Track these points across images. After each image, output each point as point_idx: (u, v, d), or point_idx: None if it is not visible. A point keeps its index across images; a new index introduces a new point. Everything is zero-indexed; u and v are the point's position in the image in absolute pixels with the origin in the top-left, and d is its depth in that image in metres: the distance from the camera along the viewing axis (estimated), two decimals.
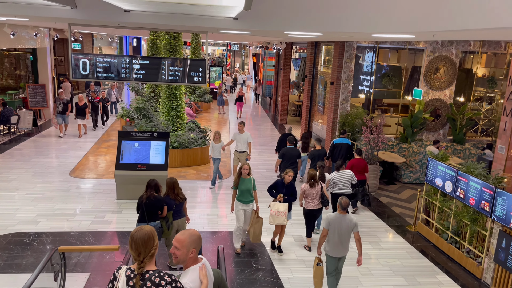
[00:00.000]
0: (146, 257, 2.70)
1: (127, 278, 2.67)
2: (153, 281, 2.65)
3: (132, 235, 2.74)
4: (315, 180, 7.49)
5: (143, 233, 2.73)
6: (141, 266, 2.67)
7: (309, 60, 15.50)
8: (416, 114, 12.38)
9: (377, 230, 8.75)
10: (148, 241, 2.71)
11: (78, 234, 7.83)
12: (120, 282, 2.65)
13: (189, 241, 2.96)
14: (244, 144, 10.80)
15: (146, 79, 8.83)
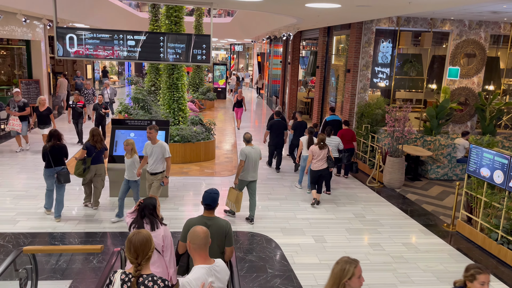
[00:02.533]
0: (143, 260, 2.70)
1: (122, 282, 2.67)
2: (146, 285, 2.64)
3: (130, 238, 2.73)
4: (324, 143, 8.30)
5: (142, 237, 2.73)
6: (138, 269, 2.67)
7: (321, 49, 14.37)
8: (442, 104, 11.21)
9: (409, 229, 7.55)
10: (146, 244, 2.72)
11: (62, 235, 6.68)
12: (115, 286, 2.65)
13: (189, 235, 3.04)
14: None
15: (143, 58, 7.73)
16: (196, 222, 3.91)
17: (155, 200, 4.24)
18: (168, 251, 3.97)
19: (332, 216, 7.98)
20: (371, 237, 7.14)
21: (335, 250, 6.61)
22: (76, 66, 26.37)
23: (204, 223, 3.90)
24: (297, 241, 6.85)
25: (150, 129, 6.77)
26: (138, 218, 4.04)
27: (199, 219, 4.04)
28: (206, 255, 3.03)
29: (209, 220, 4.01)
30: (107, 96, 16.04)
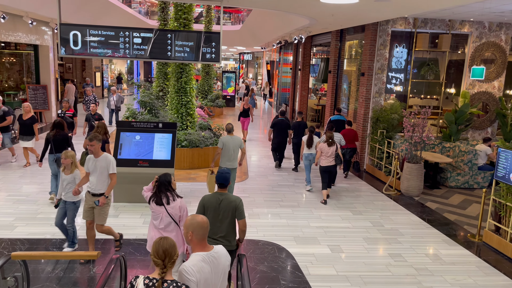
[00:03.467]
0: (169, 262, 2.75)
1: (146, 286, 2.69)
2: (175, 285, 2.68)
3: (158, 242, 2.78)
4: (332, 140, 8.52)
5: (171, 241, 2.80)
6: (163, 272, 2.73)
7: (334, 54, 13.97)
8: (462, 108, 10.71)
9: (432, 239, 7.03)
10: (173, 248, 2.78)
11: (61, 241, 6.27)
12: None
13: (189, 223, 3.06)
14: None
15: (149, 56, 7.38)
16: (211, 197, 4.42)
17: (169, 175, 4.57)
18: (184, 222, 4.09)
19: (348, 225, 7.49)
20: (391, 247, 6.64)
21: (353, 261, 6.12)
22: (85, 73, 26.31)
23: (217, 197, 4.41)
24: (312, 251, 6.37)
25: (91, 141, 5.49)
26: (157, 193, 4.51)
27: (213, 194, 4.45)
28: (205, 244, 3.09)
29: (221, 195, 4.44)
30: (113, 103, 15.65)
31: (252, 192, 9.10)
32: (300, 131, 10.84)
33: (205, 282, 2.95)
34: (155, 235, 4.48)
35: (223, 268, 3.12)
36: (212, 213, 4.36)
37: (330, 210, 8.19)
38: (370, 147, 11.31)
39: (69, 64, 26.32)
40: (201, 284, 2.91)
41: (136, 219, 7.24)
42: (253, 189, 9.32)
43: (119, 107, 15.83)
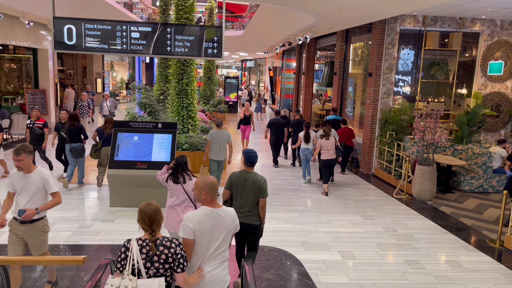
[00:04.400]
0: (156, 226, 2.98)
1: (140, 246, 2.91)
2: (165, 244, 2.94)
3: (143, 209, 2.97)
4: (328, 134, 8.86)
5: (154, 207, 2.99)
6: (153, 235, 2.96)
7: (339, 56, 13.60)
8: (474, 109, 10.28)
9: (450, 245, 6.55)
10: (157, 213, 2.99)
11: (51, 247, 5.84)
12: (134, 251, 2.86)
13: (202, 185, 3.28)
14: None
15: (148, 51, 7.00)
16: (239, 174, 4.74)
17: (185, 157, 4.84)
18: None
19: (359, 230, 7.03)
20: (407, 254, 6.17)
21: (367, 268, 5.65)
22: (86, 80, 26.03)
23: (244, 175, 4.71)
24: (321, 257, 5.91)
25: (17, 155, 4.12)
26: (174, 173, 4.81)
27: (241, 172, 4.76)
28: (215, 201, 3.32)
29: (247, 174, 4.72)
30: (107, 109, 14.49)
31: None
32: (299, 128, 11.12)
33: (203, 233, 3.18)
34: (171, 212, 4.81)
35: (227, 227, 3.30)
36: (238, 189, 4.72)
37: (339, 215, 7.74)
38: (378, 150, 10.87)
39: (70, 70, 26.04)
40: (198, 234, 3.17)
41: (133, 224, 6.80)
42: None
43: (113, 113, 15.02)
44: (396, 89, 11.07)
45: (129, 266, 2.85)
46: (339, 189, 9.47)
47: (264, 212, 4.70)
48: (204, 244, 3.20)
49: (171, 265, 2.94)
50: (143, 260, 2.88)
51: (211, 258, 3.23)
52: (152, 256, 2.89)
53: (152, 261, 2.89)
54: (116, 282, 2.84)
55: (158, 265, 2.90)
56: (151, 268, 2.89)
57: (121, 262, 2.90)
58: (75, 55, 25.92)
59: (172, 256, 2.93)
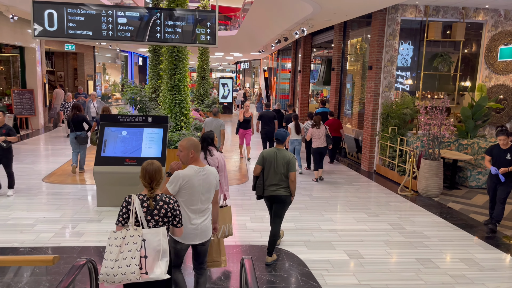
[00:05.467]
0: (156, 184, 3.14)
1: (141, 201, 3.10)
2: (164, 200, 3.15)
3: (146, 167, 3.15)
4: (318, 123, 9.26)
5: (156, 166, 3.17)
6: (152, 192, 3.14)
7: (337, 50, 13.18)
8: (479, 102, 9.86)
9: (463, 243, 6.09)
10: (158, 172, 3.15)
11: (30, 250, 5.31)
12: (136, 205, 3.05)
13: (188, 145, 3.61)
14: None
15: (135, 38, 6.51)
16: (269, 151, 5.21)
17: (213, 133, 5.09)
18: (222, 172, 4.98)
19: (365, 227, 6.55)
20: (418, 252, 5.70)
21: (376, 268, 5.17)
22: (77, 81, 25.44)
23: (274, 151, 5.18)
24: (326, 257, 5.43)
25: None
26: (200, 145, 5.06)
27: (272, 149, 5.24)
28: (199, 160, 3.69)
29: (278, 151, 5.19)
30: (94, 110, 13.43)
31: (253, 194, 8.16)
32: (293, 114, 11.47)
33: (192, 187, 3.57)
34: None
35: (210, 183, 3.72)
36: (269, 164, 5.16)
37: (342, 213, 7.27)
38: (380, 146, 10.42)
39: (61, 72, 25.46)
40: (185, 186, 3.54)
41: None
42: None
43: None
44: (395, 85, 10.65)
45: (132, 217, 3.03)
46: (340, 187, 9.01)
47: (294, 185, 5.12)
48: (195, 199, 3.61)
49: (169, 219, 3.17)
50: (144, 214, 3.08)
51: (201, 212, 3.69)
52: (153, 210, 3.10)
53: (153, 214, 3.10)
54: (120, 234, 2.97)
55: (158, 218, 3.11)
56: (151, 221, 3.09)
57: (123, 216, 3.09)
58: (65, 56, 25.33)
59: (171, 211, 3.17)
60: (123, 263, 2.88)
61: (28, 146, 12.51)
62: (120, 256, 2.89)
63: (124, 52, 32.18)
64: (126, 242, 2.93)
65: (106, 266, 2.88)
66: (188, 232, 3.61)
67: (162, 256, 3.01)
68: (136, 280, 2.90)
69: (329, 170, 10.58)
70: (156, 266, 2.98)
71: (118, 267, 2.87)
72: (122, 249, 2.91)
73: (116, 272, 2.87)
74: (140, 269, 2.92)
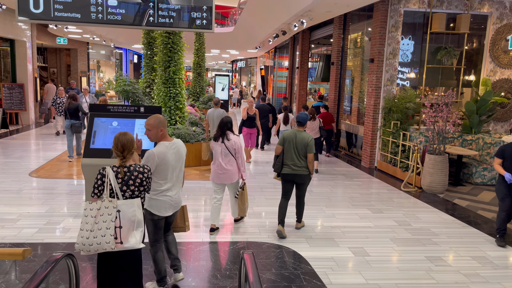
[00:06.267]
0: (128, 154, 3.17)
1: (115, 173, 3.12)
2: (138, 170, 3.18)
3: (118, 137, 3.18)
4: (313, 116, 9.44)
5: (129, 137, 3.20)
6: (123, 161, 3.17)
7: (337, 45, 12.84)
8: (484, 97, 9.56)
9: (473, 240, 5.75)
10: (131, 143, 3.19)
11: (11, 246, 4.91)
12: (110, 176, 3.06)
13: (157, 123, 3.70)
14: None
15: (126, 22, 6.13)
16: (290, 133, 5.51)
17: (230, 118, 5.48)
18: (239, 154, 5.43)
19: (369, 224, 6.20)
20: (427, 249, 5.35)
21: (384, 266, 4.82)
22: (70, 78, 24.96)
23: (294, 133, 5.48)
24: (330, 254, 5.07)
25: None
26: (219, 130, 5.47)
27: (292, 130, 5.56)
28: (168, 137, 3.80)
29: (298, 132, 5.48)
30: (86, 106, 12.56)
31: (252, 190, 7.80)
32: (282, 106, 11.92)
33: (167, 163, 3.68)
34: (217, 168, 5.50)
35: (181, 155, 3.87)
36: (289, 144, 5.48)
37: (344, 209, 6.91)
38: (382, 142, 10.09)
39: (54, 68, 24.99)
40: (165, 165, 3.66)
41: None
42: (253, 187, 8.03)
43: None
44: (396, 81, 10.31)
45: (107, 189, 3.06)
46: (341, 183, 8.66)
47: (312, 165, 5.47)
48: (169, 172, 3.74)
49: (144, 188, 3.22)
50: (119, 184, 3.11)
51: (175, 184, 3.86)
52: (128, 180, 3.13)
53: (128, 184, 3.13)
54: (95, 206, 3.00)
55: (133, 188, 3.15)
56: (127, 191, 3.13)
57: (98, 188, 3.10)
58: (58, 52, 24.86)
59: (146, 180, 3.22)
60: (98, 233, 2.93)
61: (17, 141, 12.08)
62: (96, 227, 2.94)
63: (119, 49, 31.72)
64: (101, 213, 2.97)
65: (82, 236, 2.95)
66: (163, 205, 3.75)
67: (137, 226, 3.08)
68: (111, 249, 2.96)
69: (329, 166, 10.25)
70: (131, 236, 3.05)
71: (93, 237, 2.93)
72: (97, 220, 2.96)
73: (91, 242, 2.93)
74: (115, 239, 2.98)
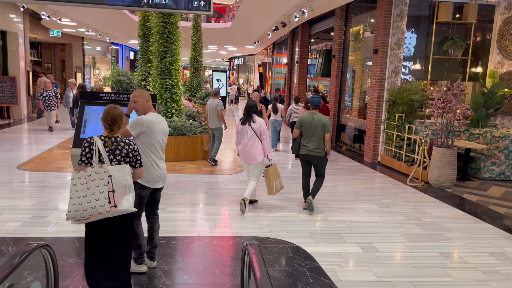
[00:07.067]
0: (116, 127, 3.16)
1: (103, 141, 3.10)
2: (125, 141, 3.19)
3: (108, 110, 3.18)
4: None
5: (119, 111, 3.20)
6: (111, 133, 3.15)
7: (338, 36, 12.48)
8: (491, 89, 9.22)
9: (488, 235, 5.40)
10: (120, 117, 3.19)
11: None
12: (98, 144, 3.04)
13: (142, 93, 3.76)
14: None
15: (119, 2, 5.73)
16: (307, 115, 5.82)
17: (255, 102, 5.83)
18: (265, 136, 5.75)
19: (376, 219, 5.84)
20: (440, 245, 5.00)
21: (396, 263, 4.46)
22: (65, 74, 24.51)
23: (311, 116, 5.79)
24: (337, 250, 4.70)
25: None
26: (246, 113, 5.80)
27: (309, 113, 5.83)
28: (154, 110, 3.87)
29: (314, 115, 5.79)
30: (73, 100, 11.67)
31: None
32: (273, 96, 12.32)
33: (153, 133, 3.68)
34: (242, 148, 5.84)
35: (166, 130, 3.88)
36: (307, 127, 5.79)
37: (349, 203, 6.55)
38: (386, 135, 9.73)
39: (48, 64, 24.53)
40: (147, 131, 3.65)
41: None
42: None
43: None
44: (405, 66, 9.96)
45: (96, 156, 3.03)
46: (344, 177, 8.30)
47: (329, 145, 5.77)
48: (157, 144, 3.76)
49: (131, 160, 3.21)
50: (107, 153, 3.09)
51: (161, 158, 3.86)
52: (115, 149, 3.12)
53: (115, 154, 3.13)
54: (84, 173, 2.95)
55: (120, 158, 3.15)
56: (113, 160, 3.12)
57: (86, 156, 3.07)
58: (53, 47, 24.41)
59: (132, 152, 3.21)
60: (91, 197, 2.89)
61: (7, 135, 11.66)
62: (88, 192, 2.90)
63: (115, 45, 31.29)
64: (92, 179, 2.94)
65: (74, 204, 2.89)
66: (154, 176, 3.75)
67: (129, 191, 3.09)
68: (106, 212, 2.92)
69: (330, 161, 9.84)
70: (124, 200, 3.05)
71: (87, 202, 2.88)
72: (89, 186, 2.92)
73: (85, 207, 2.87)
74: (109, 203, 2.95)
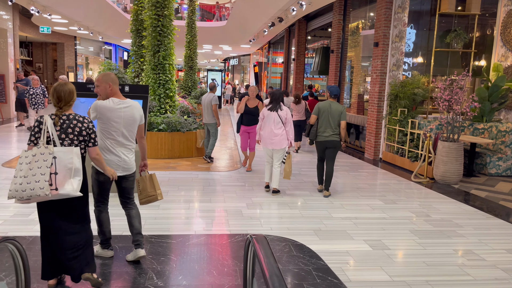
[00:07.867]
0: (65, 105, 3.09)
1: (54, 121, 3.04)
2: (78, 119, 3.11)
3: (55, 87, 3.09)
4: (299, 99, 10.14)
5: (67, 88, 3.11)
6: (59, 111, 3.08)
7: (336, 31, 12.17)
8: (496, 83, 8.93)
9: (502, 231, 5.08)
10: (68, 94, 3.10)
11: None
12: (48, 124, 2.99)
13: (105, 78, 3.59)
14: None
15: None
16: (324, 103, 6.18)
17: (280, 90, 6.35)
18: (289, 124, 6.16)
19: (383, 215, 5.50)
20: (454, 242, 4.66)
21: (409, 261, 4.12)
22: (57, 73, 24.04)
23: (328, 104, 6.14)
24: (344, 248, 4.36)
25: None
26: (274, 101, 6.21)
27: (326, 101, 6.18)
28: (119, 93, 3.67)
29: (331, 103, 6.13)
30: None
31: (250, 180, 7.09)
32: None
33: (109, 118, 3.53)
34: (268, 134, 6.15)
35: (134, 118, 3.66)
36: (323, 114, 6.09)
37: (354, 199, 6.21)
38: (387, 131, 9.41)
39: (39, 63, 24.06)
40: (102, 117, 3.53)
41: None
42: (251, 177, 7.31)
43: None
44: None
45: (44, 137, 2.99)
46: (346, 174, 7.97)
47: (344, 131, 6.12)
48: (115, 131, 3.58)
49: (85, 138, 3.13)
50: (58, 132, 3.04)
51: (123, 146, 3.65)
52: (67, 128, 3.05)
53: (67, 132, 3.05)
54: (30, 152, 2.92)
55: (73, 137, 3.07)
56: (65, 139, 3.06)
57: (35, 135, 3.02)
58: (44, 47, 23.93)
59: (86, 129, 3.13)
60: (32, 179, 2.84)
61: None
62: (30, 173, 2.86)
63: (108, 46, 30.85)
64: (36, 159, 2.89)
65: (15, 183, 2.85)
66: (110, 164, 3.56)
67: (75, 174, 3.00)
68: (45, 195, 2.85)
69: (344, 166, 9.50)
70: (67, 183, 2.97)
71: (27, 182, 2.83)
72: (31, 166, 2.87)
73: (24, 187, 2.83)
74: (50, 185, 2.90)
